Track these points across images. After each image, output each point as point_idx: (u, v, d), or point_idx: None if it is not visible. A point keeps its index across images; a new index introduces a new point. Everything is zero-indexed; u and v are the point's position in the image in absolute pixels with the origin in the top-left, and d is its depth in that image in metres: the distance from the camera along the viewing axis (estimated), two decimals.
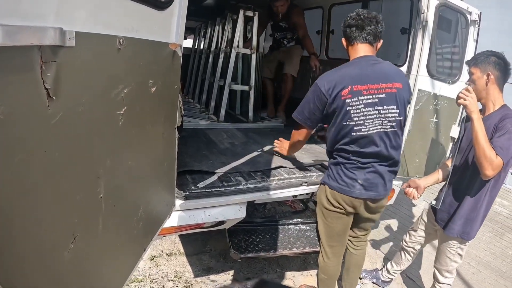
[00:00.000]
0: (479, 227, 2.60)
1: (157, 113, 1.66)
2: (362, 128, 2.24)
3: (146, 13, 1.37)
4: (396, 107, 2.26)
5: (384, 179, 2.42)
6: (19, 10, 0.75)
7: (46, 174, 0.90)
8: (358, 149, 2.31)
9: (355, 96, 2.19)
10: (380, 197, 2.47)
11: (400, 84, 2.28)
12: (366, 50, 2.34)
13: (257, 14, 4.49)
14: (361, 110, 2.21)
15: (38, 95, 0.83)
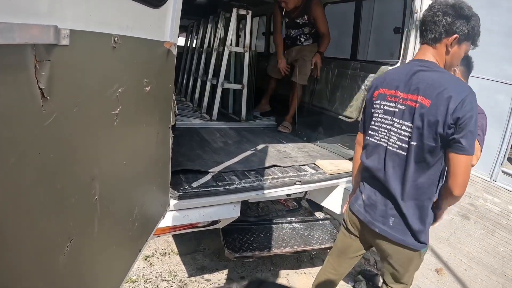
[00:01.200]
0: None
1: (152, 113, 1.64)
2: (374, 135, 2.04)
3: (140, 11, 1.35)
4: (411, 127, 1.82)
5: (385, 209, 2.01)
6: (12, 7, 0.73)
7: (40, 176, 0.87)
8: (364, 158, 2.12)
9: (379, 99, 2.00)
10: (378, 229, 2.02)
11: (427, 101, 1.76)
12: (422, 52, 1.97)
13: (250, 12, 4.48)
14: (379, 115, 2.00)
15: (32, 95, 0.81)
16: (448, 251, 4.25)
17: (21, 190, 0.82)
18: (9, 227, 0.80)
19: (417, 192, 1.88)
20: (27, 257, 0.87)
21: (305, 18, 4.57)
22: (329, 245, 3.21)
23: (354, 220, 2.18)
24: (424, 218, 1.94)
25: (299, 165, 3.21)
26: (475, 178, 6.70)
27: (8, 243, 0.80)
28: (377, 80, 2.11)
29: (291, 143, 3.98)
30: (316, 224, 3.48)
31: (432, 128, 1.73)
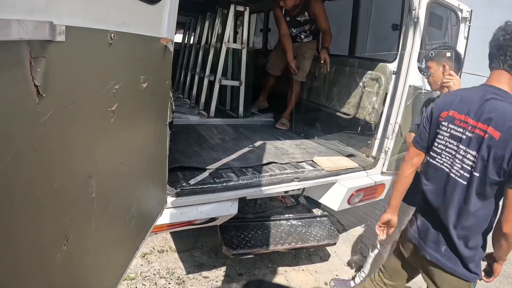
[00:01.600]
0: None
1: (149, 110, 1.63)
2: (436, 157, 1.99)
3: (137, 7, 1.34)
4: (475, 156, 1.77)
5: (437, 236, 1.98)
6: (7, 3, 0.72)
7: (36, 174, 0.87)
8: (424, 180, 2.06)
9: (447, 121, 1.93)
10: (429, 256, 1.99)
11: (497, 134, 1.69)
12: (497, 78, 1.89)
13: (248, 8, 4.46)
14: (445, 138, 1.94)
15: (27, 92, 0.80)
16: None
17: (17, 188, 0.81)
18: (5, 226, 0.79)
19: (472, 223, 1.83)
20: (24, 256, 0.86)
21: (305, 15, 4.54)
22: (326, 242, 3.21)
23: (409, 244, 2.16)
24: (476, 249, 1.90)
25: (297, 162, 3.21)
26: None
27: (5, 242, 0.79)
28: (446, 99, 2.04)
29: (288, 140, 3.98)
30: (314, 221, 3.48)
31: (497, 162, 1.68)
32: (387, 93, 3.42)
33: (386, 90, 3.46)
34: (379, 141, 3.42)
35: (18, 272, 0.85)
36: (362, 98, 3.83)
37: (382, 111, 3.44)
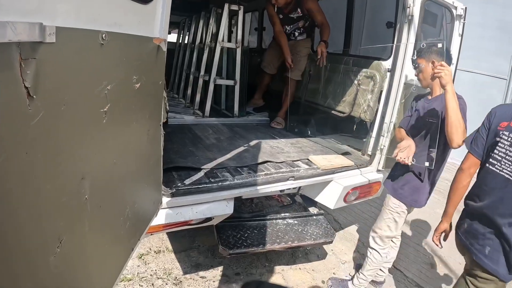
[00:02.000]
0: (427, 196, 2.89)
1: (142, 110, 1.62)
2: (496, 164, 2.08)
3: (129, 7, 1.33)
4: None
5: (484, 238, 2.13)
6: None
7: (28, 176, 0.86)
8: (482, 184, 2.18)
9: (508, 130, 2.06)
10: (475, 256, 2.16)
11: None
12: None
13: (242, 8, 4.46)
14: (505, 146, 2.05)
15: (18, 94, 0.79)
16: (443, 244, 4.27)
17: (8, 190, 0.80)
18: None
19: None
20: (17, 258, 0.86)
21: (298, 11, 4.56)
22: (323, 241, 3.21)
23: (460, 247, 2.38)
24: None
25: (292, 160, 3.21)
26: None
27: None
28: (504, 109, 2.20)
29: (284, 139, 3.98)
30: (310, 220, 3.48)
31: None
32: (382, 91, 3.43)
33: (381, 88, 3.48)
34: (375, 139, 3.44)
35: (11, 275, 0.84)
36: (357, 96, 3.84)
37: (377, 109, 3.45)
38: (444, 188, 5.85)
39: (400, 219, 2.94)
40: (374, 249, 3.07)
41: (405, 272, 3.71)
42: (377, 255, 3.06)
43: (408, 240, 4.31)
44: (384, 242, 3.04)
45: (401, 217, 2.93)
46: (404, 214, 2.92)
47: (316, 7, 4.46)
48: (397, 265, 3.78)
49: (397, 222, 2.94)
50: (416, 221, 4.80)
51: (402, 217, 2.93)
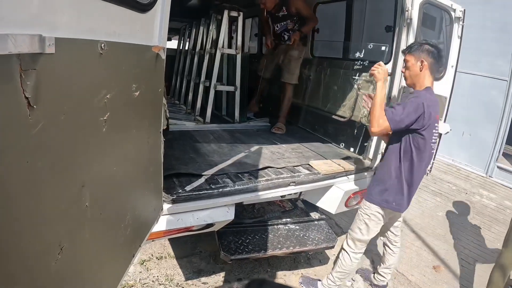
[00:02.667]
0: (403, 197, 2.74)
1: (142, 118, 1.64)
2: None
3: (127, 16, 1.35)
4: None
5: None
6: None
7: (29, 185, 0.87)
8: None
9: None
10: None
11: None
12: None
13: (241, 14, 4.48)
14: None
15: (18, 104, 0.81)
16: (445, 248, 4.27)
17: (10, 198, 0.82)
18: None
19: None
20: (18, 264, 0.87)
21: (284, 10, 4.66)
22: (325, 245, 3.21)
23: None
24: None
25: (293, 166, 3.22)
26: (471, 174, 6.74)
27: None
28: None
29: (284, 144, 3.99)
30: (312, 225, 3.48)
31: None
32: None
33: None
34: (375, 143, 3.44)
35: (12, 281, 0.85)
36: (357, 100, 3.85)
37: None
38: (446, 191, 5.87)
39: (371, 223, 2.83)
40: (345, 251, 2.98)
41: (408, 276, 3.70)
42: (347, 258, 2.96)
43: (411, 243, 4.31)
44: (356, 246, 2.93)
45: (372, 220, 2.82)
46: (376, 217, 2.81)
47: (302, 5, 4.57)
48: (400, 268, 3.78)
49: (368, 225, 2.84)
50: (418, 224, 4.79)
51: (374, 221, 2.82)
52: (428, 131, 2.51)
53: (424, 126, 2.48)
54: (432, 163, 3.73)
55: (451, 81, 3.58)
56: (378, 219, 2.82)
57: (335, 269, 3.07)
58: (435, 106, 2.54)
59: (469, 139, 7.02)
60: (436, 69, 2.66)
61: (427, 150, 2.59)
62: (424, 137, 2.52)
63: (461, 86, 6.33)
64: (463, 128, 6.99)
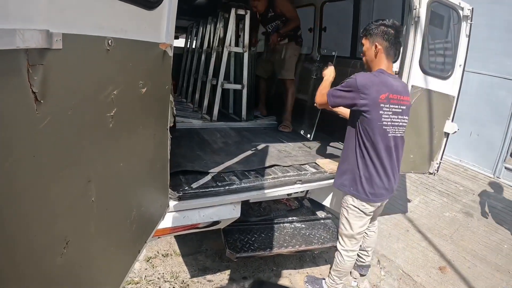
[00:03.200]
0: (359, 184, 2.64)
1: (148, 114, 1.64)
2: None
3: (135, 13, 1.35)
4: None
5: None
6: (4, 12, 0.74)
7: (35, 179, 0.88)
8: None
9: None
10: None
11: None
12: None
13: (248, 12, 4.48)
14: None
15: (26, 99, 0.82)
16: (452, 248, 4.24)
17: (16, 192, 0.83)
18: (5, 228, 0.80)
19: None
20: (24, 257, 0.88)
21: (271, 11, 4.82)
22: (331, 244, 3.20)
23: None
24: None
25: (300, 164, 3.21)
26: (478, 174, 6.69)
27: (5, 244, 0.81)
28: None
29: (291, 143, 3.98)
30: (318, 223, 3.48)
31: None
32: None
33: None
34: None
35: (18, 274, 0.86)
36: None
37: None
38: (453, 192, 5.83)
39: (350, 216, 2.75)
40: (337, 249, 2.97)
41: (413, 277, 3.67)
42: (340, 256, 2.95)
43: (417, 244, 4.28)
44: (345, 242, 2.90)
45: (350, 213, 2.74)
46: (354, 210, 2.72)
47: (286, 7, 4.73)
48: (405, 269, 3.76)
49: (348, 219, 2.78)
50: (424, 224, 4.76)
51: (352, 214, 2.74)
52: (373, 112, 2.43)
53: (364, 105, 2.42)
54: (439, 163, 3.71)
55: (459, 81, 3.55)
56: (356, 212, 2.73)
57: (332, 267, 3.07)
58: (381, 86, 2.42)
59: (476, 139, 6.95)
60: (393, 52, 2.58)
61: (378, 133, 2.48)
62: (369, 119, 2.44)
63: (469, 86, 6.28)
64: (471, 128, 6.92)
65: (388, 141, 2.53)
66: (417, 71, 3.20)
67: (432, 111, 3.42)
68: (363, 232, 2.91)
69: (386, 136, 2.51)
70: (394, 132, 2.53)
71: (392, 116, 2.48)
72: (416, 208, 5.24)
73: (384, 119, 2.46)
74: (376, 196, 2.63)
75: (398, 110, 2.49)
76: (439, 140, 3.63)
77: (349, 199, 2.73)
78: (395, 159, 2.63)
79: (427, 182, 6.15)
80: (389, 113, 2.46)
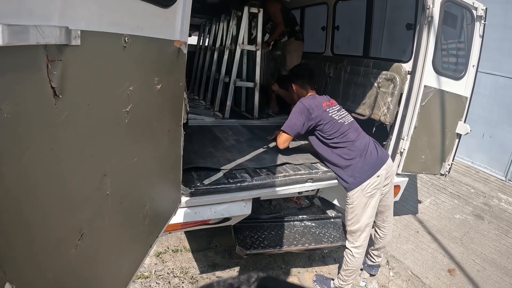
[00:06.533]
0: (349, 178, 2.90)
1: (163, 111, 1.66)
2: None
3: (151, 11, 1.37)
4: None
5: None
6: (24, 9, 0.76)
7: (53, 172, 0.90)
8: None
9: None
10: None
11: None
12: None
13: (261, 10, 4.48)
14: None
15: (45, 93, 0.84)
16: (461, 251, 4.20)
17: (34, 184, 0.85)
18: (23, 219, 0.83)
19: None
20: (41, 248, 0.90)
21: None
22: (340, 243, 3.20)
23: None
24: None
25: (311, 162, 3.21)
26: (490, 177, 6.60)
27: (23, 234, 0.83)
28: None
29: (303, 141, 3.98)
30: (328, 222, 3.48)
31: None
32: (402, 93, 3.39)
33: (401, 91, 3.43)
34: (394, 142, 3.40)
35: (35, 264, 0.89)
36: (377, 98, 3.81)
37: (397, 111, 3.42)
38: (464, 194, 5.77)
39: (355, 209, 2.91)
40: (346, 247, 3.07)
41: (422, 279, 3.66)
42: (349, 254, 3.03)
43: (426, 246, 4.26)
44: (353, 238, 3.00)
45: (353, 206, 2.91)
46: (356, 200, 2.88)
47: (272, 13, 5.00)
48: (414, 270, 3.74)
49: (353, 212, 2.93)
50: (434, 226, 4.73)
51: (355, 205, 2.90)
52: (324, 120, 2.93)
53: (317, 118, 2.93)
54: (451, 164, 3.68)
55: (472, 81, 3.51)
56: (360, 200, 2.89)
57: (342, 267, 3.12)
58: (315, 100, 3.06)
59: (489, 141, 6.84)
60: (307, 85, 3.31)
61: (333, 128, 2.93)
62: (323, 123, 2.93)
63: (482, 87, 6.20)
64: (483, 130, 6.82)
65: (347, 128, 2.98)
66: (430, 71, 3.18)
67: (444, 111, 3.39)
68: (371, 224, 3.01)
69: (343, 125, 2.97)
70: (347, 121, 3.04)
71: (334, 113, 3.01)
72: (427, 209, 5.20)
73: (333, 116, 2.98)
74: (365, 173, 2.86)
75: (337, 108, 3.11)
76: (451, 141, 3.59)
77: (348, 193, 2.92)
78: (364, 135, 3.08)
79: (438, 184, 6.10)
80: (332, 112, 3.00)
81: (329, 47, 5.11)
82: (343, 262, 3.07)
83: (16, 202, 0.80)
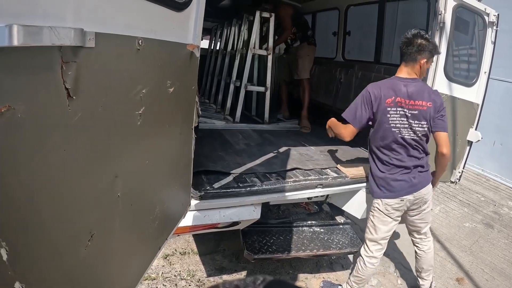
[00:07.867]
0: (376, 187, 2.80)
1: (175, 114, 1.67)
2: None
3: (164, 14, 1.38)
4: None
5: None
6: (40, 10, 0.77)
7: (65, 172, 0.91)
8: None
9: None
10: None
11: None
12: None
13: (273, 15, 4.49)
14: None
15: (59, 94, 0.85)
16: (470, 260, 4.15)
17: (46, 184, 0.85)
18: (35, 219, 0.83)
19: None
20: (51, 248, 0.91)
21: None
22: (349, 250, 3.18)
23: None
24: None
25: (321, 168, 3.19)
26: (500, 185, 6.52)
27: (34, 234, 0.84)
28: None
29: (313, 146, 3.97)
30: (337, 229, 3.45)
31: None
32: None
33: None
34: None
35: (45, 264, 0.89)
36: None
37: None
38: (474, 202, 5.70)
39: (375, 219, 2.83)
40: (361, 255, 2.98)
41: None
42: (362, 262, 2.94)
43: (435, 254, 4.18)
44: (369, 247, 2.91)
45: (376, 216, 2.82)
46: (379, 213, 2.80)
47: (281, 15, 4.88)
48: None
49: (373, 221, 2.85)
50: (444, 234, 4.67)
51: (377, 217, 2.81)
52: (379, 113, 2.64)
53: (373, 107, 2.65)
54: (461, 171, 3.64)
55: (484, 88, 3.48)
56: (381, 215, 2.80)
57: (352, 273, 3.06)
58: (387, 88, 2.64)
59: (500, 149, 6.74)
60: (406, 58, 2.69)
61: (387, 136, 2.66)
62: (376, 120, 2.68)
63: (493, 94, 6.12)
64: (494, 137, 6.72)
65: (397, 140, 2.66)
66: (441, 78, 3.15)
67: (455, 118, 3.36)
68: (388, 238, 2.92)
69: (393, 138, 2.66)
70: (397, 134, 2.65)
71: (394, 118, 2.62)
72: (436, 217, 5.14)
73: (391, 121, 2.63)
74: (393, 191, 2.72)
75: (407, 114, 2.61)
76: (462, 149, 3.56)
77: (374, 202, 2.83)
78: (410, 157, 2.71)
79: (448, 191, 6.03)
80: (393, 116, 2.62)
81: (340, 52, 5.11)
82: (355, 268, 3.02)
83: (28, 202, 0.80)
